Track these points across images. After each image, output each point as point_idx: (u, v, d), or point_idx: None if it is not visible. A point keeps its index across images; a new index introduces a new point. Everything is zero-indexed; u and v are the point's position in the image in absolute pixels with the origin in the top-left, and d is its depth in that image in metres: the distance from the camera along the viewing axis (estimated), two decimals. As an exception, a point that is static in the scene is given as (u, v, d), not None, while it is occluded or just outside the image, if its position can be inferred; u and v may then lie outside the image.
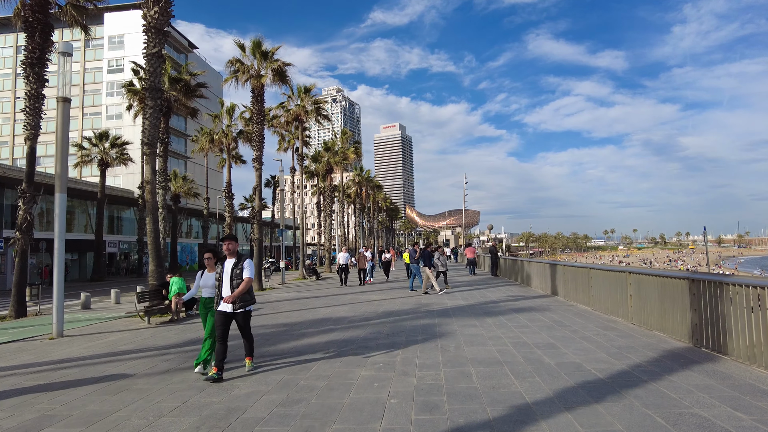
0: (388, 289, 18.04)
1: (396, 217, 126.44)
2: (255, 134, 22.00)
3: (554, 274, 13.94)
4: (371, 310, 12.12)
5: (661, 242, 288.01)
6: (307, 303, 14.49)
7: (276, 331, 9.50)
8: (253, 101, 22.30)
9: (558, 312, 10.56)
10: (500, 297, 14.04)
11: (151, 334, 9.96)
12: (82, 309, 16.39)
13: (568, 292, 12.63)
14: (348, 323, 10.01)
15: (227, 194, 29.43)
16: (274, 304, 14.74)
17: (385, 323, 9.79)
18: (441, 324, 9.44)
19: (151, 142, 14.03)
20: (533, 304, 12.16)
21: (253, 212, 21.72)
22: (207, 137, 30.05)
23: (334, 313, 11.87)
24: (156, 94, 14.14)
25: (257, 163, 21.94)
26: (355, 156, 42.34)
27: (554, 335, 7.87)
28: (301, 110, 29.32)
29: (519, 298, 13.52)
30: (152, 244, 14.02)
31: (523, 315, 10.28)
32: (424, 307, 12.30)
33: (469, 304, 12.63)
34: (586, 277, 11.03)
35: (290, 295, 17.69)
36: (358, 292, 17.08)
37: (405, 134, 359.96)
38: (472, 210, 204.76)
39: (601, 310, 10.20)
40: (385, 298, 14.74)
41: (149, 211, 14.00)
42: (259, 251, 21.26)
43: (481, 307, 11.79)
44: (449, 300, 13.67)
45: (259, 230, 21.61)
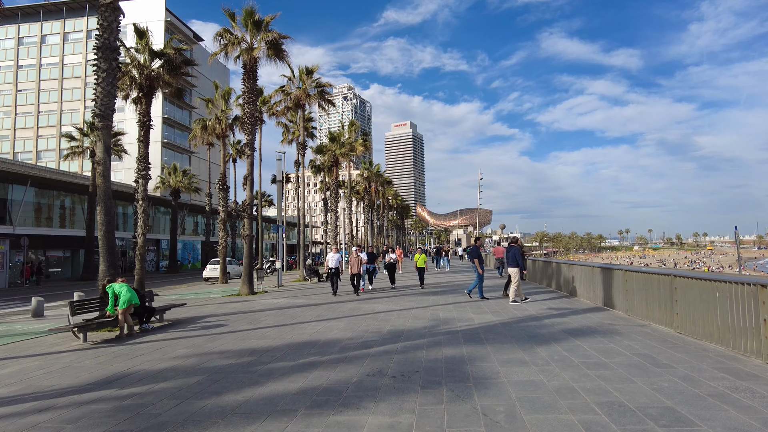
0: (397, 296, 15.13)
1: (407, 215, 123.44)
2: (247, 116, 19.23)
3: (608, 281, 10.92)
4: (374, 327, 9.24)
5: (678, 243, 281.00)
6: (296, 315, 11.65)
7: (235, 364, 6.66)
8: (244, 78, 19.53)
9: (632, 337, 7.57)
10: (540, 310, 11.06)
11: (73, 360, 7.21)
12: (32, 317, 13.76)
13: (632, 306, 9.62)
14: (339, 352, 7.13)
15: (221, 186, 26.74)
16: (255, 315, 11.93)
17: (392, 354, 6.89)
18: (473, 357, 6.52)
19: (104, 113, 11.31)
20: (589, 321, 9.18)
21: (244, 205, 18.88)
22: (200, 124, 27.38)
23: (325, 332, 9.01)
24: (110, 54, 11.40)
25: (249, 148, 19.18)
26: (363, 148, 39.45)
27: (660, 387, 4.92)
28: (302, 94, 26.51)
29: (565, 312, 10.53)
30: (103, 239, 11.29)
31: (586, 342, 7.31)
32: (444, 324, 9.38)
33: (502, 320, 9.68)
34: (668, 288, 8.01)
35: (281, 302, 14.89)
36: (360, 300, 14.21)
37: (416, 132, 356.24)
38: (484, 209, 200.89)
39: (696, 336, 7.21)
40: (393, 309, 11.85)
41: (100, 199, 11.27)
42: (249, 249, 18.51)
43: (521, 327, 8.84)
44: (475, 314, 10.73)
45: (250, 225, 18.86)
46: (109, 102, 11.41)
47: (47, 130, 64.10)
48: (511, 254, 12.58)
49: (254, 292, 18.33)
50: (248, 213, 18.94)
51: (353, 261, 15.76)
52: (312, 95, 26.88)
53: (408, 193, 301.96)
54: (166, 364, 6.83)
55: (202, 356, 7.27)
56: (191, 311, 13.34)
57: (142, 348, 8.12)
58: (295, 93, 26.67)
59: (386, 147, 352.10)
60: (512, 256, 12.51)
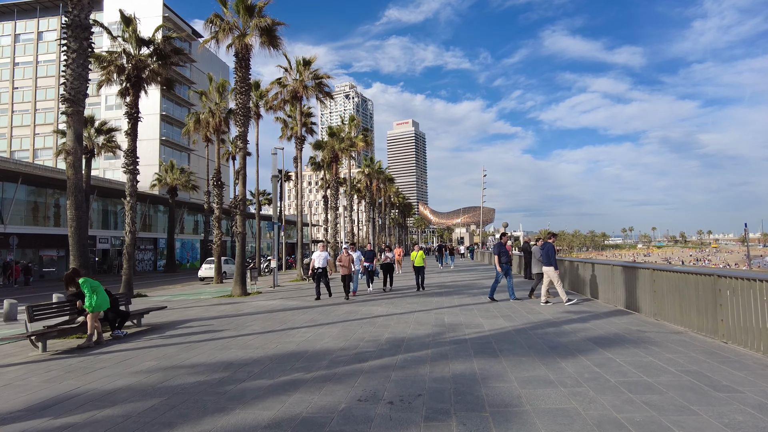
0: (397, 298, 14.05)
1: (409, 213, 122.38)
2: (239, 107, 18.17)
3: (632, 282, 9.83)
4: (371, 335, 8.18)
5: (682, 241, 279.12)
6: (287, 319, 10.60)
7: (204, 382, 5.61)
8: (236, 67, 18.47)
9: (671, 348, 6.47)
10: (556, 314, 9.97)
11: (18, 376, 6.16)
12: (4, 321, 12.75)
13: (661, 310, 8.53)
14: (327, 367, 6.07)
15: (216, 183, 25.71)
16: (242, 319, 10.87)
17: (389, 370, 5.82)
18: (486, 375, 5.45)
19: (75, 98, 10.27)
20: (614, 327, 8.08)
21: (236, 201, 17.86)
22: (193, 118, 26.35)
23: (316, 340, 7.94)
24: (81, 33, 10.35)
25: (241, 141, 18.12)
26: (363, 144, 38.36)
27: (733, 421, 3.84)
28: (299, 86, 25.43)
29: (585, 316, 9.43)
30: (74, 237, 10.29)
31: (618, 353, 6.22)
32: (451, 331, 8.30)
33: (515, 326, 8.59)
34: (710, 291, 6.92)
35: (273, 303, 13.84)
36: (357, 303, 13.15)
37: (418, 131, 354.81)
38: (487, 207, 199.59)
39: (750, 347, 6.11)
40: (393, 313, 10.78)
41: (70, 192, 10.26)
42: (241, 248, 17.46)
43: (538, 334, 7.76)
44: (484, 318, 9.65)
45: (243, 223, 17.81)
46: (80, 86, 10.37)
47: (44, 128, 63.25)
48: (545, 252, 11.39)
49: (247, 293, 17.31)
50: (240, 210, 17.89)
51: (344, 261, 13.87)
52: (310, 87, 25.80)
53: (410, 191, 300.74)
54: (124, 381, 5.78)
55: (170, 371, 6.23)
56: (175, 314, 12.30)
57: (104, 360, 7.07)
58: (292, 85, 25.59)
59: (388, 145, 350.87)
60: (546, 254, 11.32)
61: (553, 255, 11.20)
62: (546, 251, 11.33)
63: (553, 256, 11.19)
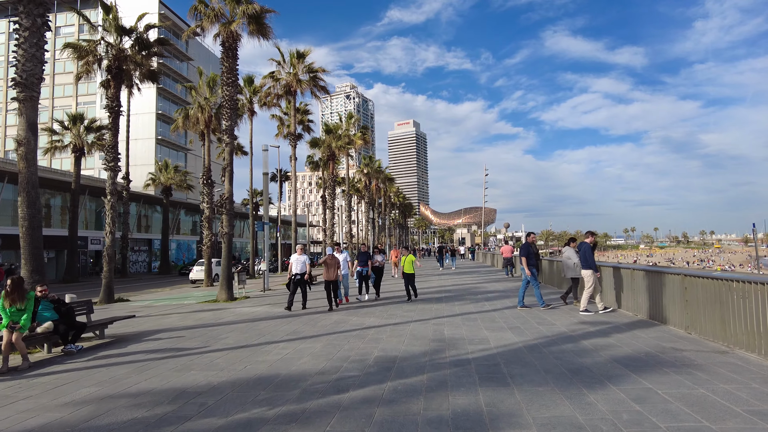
0: (393, 305, 12.84)
1: (410, 213, 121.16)
2: (226, 99, 17.02)
3: (657, 289, 8.63)
4: (358, 353, 7.00)
5: (684, 241, 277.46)
6: (267, 330, 9.42)
7: (141, 419, 4.43)
8: (223, 57, 17.31)
9: (722, 374, 5.27)
10: (571, 325, 8.78)
11: None
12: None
13: (695, 323, 7.34)
14: (297, 400, 4.89)
15: (205, 181, 24.56)
16: (218, 330, 9.71)
17: (374, 405, 4.64)
18: (496, 413, 4.26)
19: (27, 81, 9.13)
20: (642, 344, 6.88)
21: (222, 200, 16.69)
22: (182, 113, 25.21)
23: (292, 360, 6.77)
24: (34, 8, 9.22)
25: (228, 135, 16.96)
26: (362, 142, 37.24)
27: None
28: (292, 79, 24.28)
29: (605, 329, 8.23)
30: (26, 237, 9.14)
31: (658, 382, 5.02)
32: (451, 348, 7.11)
33: (526, 341, 7.40)
34: (764, 301, 5.72)
35: (258, 311, 12.68)
36: (349, 311, 11.98)
37: (419, 131, 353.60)
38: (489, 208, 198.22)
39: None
40: (386, 324, 9.60)
41: (22, 188, 9.10)
42: (227, 250, 16.30)
43: (554, 353, 6.57)
44: (490, 330, 8.46)
45: (229, 223, 16.66)
46: (33, 68, 9.25)
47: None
48: (582, 252, 10.18)
49: (233, 297, 16.15)
50: (227, 209, 16.74)
51: (328, 265, 11.84)
52: (303, 81, 24.67)
53: (411, 192, 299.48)
54: (42, 418, 4.62)
55: (106, 402, 5.07)
56: (148, 323, 11.14)
57: (36, 386, 5.91)
58: (285, 79, 24.45)
59: (389, 146, 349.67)
60: (583, 255, 10.10)
61: (591, 256, 9.95)
62: (583, 252, 10.06)
63: (591, 257, 9.95)
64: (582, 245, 10.25)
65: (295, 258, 12.30)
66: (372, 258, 14.37)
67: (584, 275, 10.02)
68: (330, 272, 11.86)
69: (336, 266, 11.92)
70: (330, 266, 11.89)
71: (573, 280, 11.21)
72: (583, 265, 10.04)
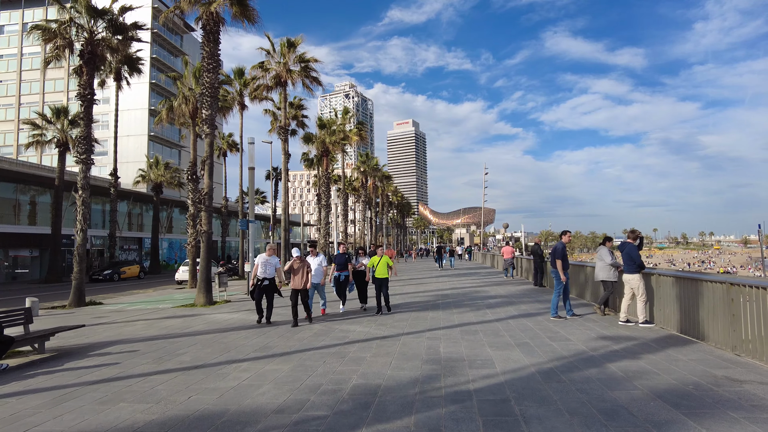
0: (383, 314, 11.53)
1: (408, 213, 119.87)
2: (206, 86, 15.68)
3: (691, 298, 7.32)
4: (332, 379, 5.68)
5: (683, 242, 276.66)
6: (232, 344, 8.08)
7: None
8: (204, 41, 15.98)
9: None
10: (590, 340, 7.45)
11: None
12: None
13: (745, 342, 6.02)
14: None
15: (190, 176, 23.19)
16: (179, 343, 8.38)
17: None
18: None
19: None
20: (686, 370, 5.56)
21: (201, 195, 15.37)
22: (166, 105, 23.83)
23: (250, 388, 5.45)
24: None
25: (208, 126, 15.61)
26: (358, 138, 35.88)
27: None
28: (283, 70, 22.93)
29: (632, 347, 6.90)
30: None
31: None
32: (447, 373, 5.78)
33: (539, 364, 6.07)
34: None
35: (233, 318, 11.34)
36: (333, 321, 10.67)
37: (418, 131, 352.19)
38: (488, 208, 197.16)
39: None
40: (374, 337, 8.27)
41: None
42: (206, 250, 14.96)
43: (577, 382, 5.24)
44: (494, 348, 7.13)
45: (208, 220, 15.33)
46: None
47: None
48: (625, 254, 8.69)
49: (213, 301, 14.83)
50: (206, 205, 15.40)
51: (295, 270, 9.74)
52: (294, 72, 23.30)
53: (410, 191, 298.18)
54: None
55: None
56: (106, 333, 9.82)
57: None
58: (275, 69, 23.09)
59: (388, 146, 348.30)
60: (627, 256, 8.61)
61: (638, 258, 8.53)
62: (628, 253, 8.60)
63: (638, 259, 8.53)
64: (625, 246, 8.77)
65: (263, 259, 10.20)
66: (355, 261, 12.04)
67: (629, 280, 8.52)
68: (297, 279, 9.73)
69: (306, 272, 9.78)
70: (297, 272, 9.74)
71: (605, 285, 9.69)
72: (627, 268, 8.57)
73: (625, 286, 8.68)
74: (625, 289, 8.74)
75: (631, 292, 8.57)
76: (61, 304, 16.24)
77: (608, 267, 9.35)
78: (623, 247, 8.78)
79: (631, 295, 8.56)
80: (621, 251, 8.80)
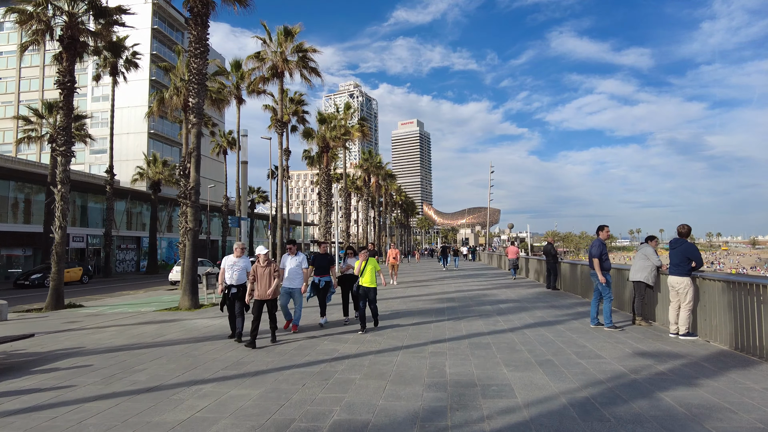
0: (381, 320, 10.28)
1: (413, 213, 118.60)
2: (193, 73, 14.53)
3: (753, 309, 6.06)
4: (307, 413, 4.46)
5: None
6: (200, 359, 6.90)
7: None
8: (191, 25, 14.81)
9: None
10: (624, 358, 6.20)
11: None
12: None
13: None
14: None
15: (181, 171, 22.01)
16: (146, 355, 7.21)
17: None
18: None
19: None
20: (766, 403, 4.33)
21: (186, 190, 14.23)
22: (157, 96, 22.74)
23: (202, 425, 4.24)
24: None
25: (195, 116, 14.46)
26: (360, 134, 34.67)
27: None
28: (279, 60, 21.77)
29: (680, 367, 5.65)
30: None
31: None
32: (456, 405, 4.55)
33: (570, 392, 4.83)
34: None
35: (213, 325, 10.15)
36: (317, 336, 9.46)
37: (423, 131, 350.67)
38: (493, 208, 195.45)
39: None
40: (367, 352, 7.06)
41: None
42: (192, 249, 13.81)
43: (626, 421, 4.01)
44: (510, 366, 5.90)
45: (195, 216, 14.17)
46: None
47: (28, 120, 60.02)
48: (678, 252, 7.31)
49: (198, 304, 13.67)
50: (192, 200, 14.24)
51: (259, 275, 7.50)
52: (292, 62, 22.14)
53: (415, 191, 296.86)
54: None
55: None
56: (68, 341, 8.68)
57: None
58: (271, 59, 21.93)
59: (392, 145, 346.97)
60: (681, 256, 7.25)
61: (698, 259, 7.19)
62: (682, 252, 7.24)
63: (699, 260, 7.20)
64: (678, 242, 7.40)
65: (230, 262, 8.03)
66: (342, 262, 10.14)
67: (677, 284, 7.21)
68: (262, 286, 7.48)
69: (272, 276, 7.54)
70: (261, 277, 7.50)
71: (637, 288, 8.34)
72: (677, 270, 7.22)
73: (671, 292, 7.40)
74: (671, 295, 7.43)
75: (677, 299, 7.28)
76: (39, 306, 15.16)
77: (651, 268, 8.07)
78: (676, 244, 7.42)
79: (689, 302, 7.18)
80: (671, 249, 7.45)
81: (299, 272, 8.53)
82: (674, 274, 7.26)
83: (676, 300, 7.29)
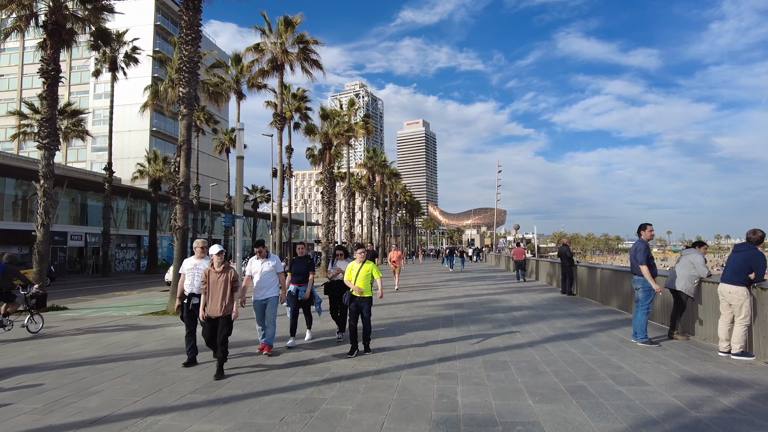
0: (378, 337, 9.24)
1: (418, 213, 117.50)
2: (184, 60, 13.59)
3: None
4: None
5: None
6: (168, 379, 5.89)
7: None
8: (182, 10, 13.90)
9: None
10: (674, 386, 5.14)
11: None
12: None
13: None
14: None
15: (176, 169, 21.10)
16: (106, 372, 6.23)
17: None
18: None
19: None
20: None
21: (176, 186, 13.29)
22: (151, 90, 21.84)
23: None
24: None
25: (185, 106, 13.54)
26: (364, 131, 33.65)
27: None
28: (279, 51, 20.80)
29: (748, 401, 4.58)
30: None
31: None
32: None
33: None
34: None
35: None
36: (312, 341, 8.44)
37: (429, 131, 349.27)
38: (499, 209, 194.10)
39: None
40: (365, 372, 6.02)
41: None
42: (181, 248, 12.87)
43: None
44: (535, 395, 4.83)
45: (184, 214, 13.25)
46: None
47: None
48: (741, 259, 6.19)
49: (187, 309, 12.68)
50: (181, 196, 13.32)
51: (212, 284, 5.85)
52: (292, 54, 21.17)
53: (420, 192, 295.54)
54: None
55: None
56: (27, 352, 7.72)
57: None
58: (271, 50, 20.97)
59: (398, 146, 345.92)
60: (742, 264, 6.13)
61: (762, 270, 6.06)
62: (745, 258, 6.11)
63: (761, 272, 6.07)
64: (744, 247, 6.27)
65: (190, 265, 6.50)
66: (330, 266, 8.41)
67: (731, 294, 6.10)
68: (213, 298, 5.85)
69: (227, 286, 5.89)
70: (214, 286, 5.87)
71: (677, 298, 7.28)
72: (734, 279, 6.10)
73: (722, 303, 6.31)
74: (721, 306, 6.35)
75: (730, 312, 6.19)
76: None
77: (696, 278, 6.99)
78: (741, 248, 6.28)
79: (745, 316, 6.05)
80: (733, 253, 6.33)
81: (273, 278, 6.92)
82: (729, 282, 6.15)
83: (729, 312, 6.20)
